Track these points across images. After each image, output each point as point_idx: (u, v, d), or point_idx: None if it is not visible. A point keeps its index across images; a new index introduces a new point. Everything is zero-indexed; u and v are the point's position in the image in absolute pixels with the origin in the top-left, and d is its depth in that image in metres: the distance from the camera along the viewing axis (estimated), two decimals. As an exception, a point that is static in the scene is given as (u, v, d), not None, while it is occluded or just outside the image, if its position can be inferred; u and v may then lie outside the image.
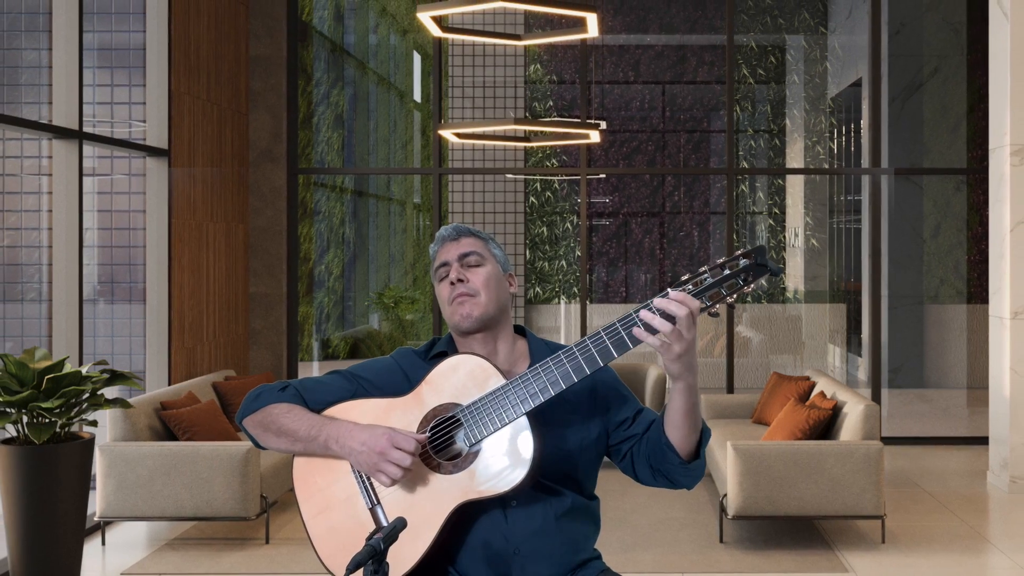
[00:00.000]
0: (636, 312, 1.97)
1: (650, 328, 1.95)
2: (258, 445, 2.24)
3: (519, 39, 5.51)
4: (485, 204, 12.28)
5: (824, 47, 13.57)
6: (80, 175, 5.52)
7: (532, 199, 14.53)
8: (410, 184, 16.23)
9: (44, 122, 5.67)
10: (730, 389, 7.87)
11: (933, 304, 10.95)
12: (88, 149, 6.14)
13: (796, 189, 13.92)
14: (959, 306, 10.93)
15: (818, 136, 13.60)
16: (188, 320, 6.62)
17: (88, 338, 7.07)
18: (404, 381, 2.22)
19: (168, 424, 5.25)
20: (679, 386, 2.05)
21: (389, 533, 1.79)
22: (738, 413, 6.63)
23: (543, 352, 2.22)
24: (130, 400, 4.98)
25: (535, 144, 7.58)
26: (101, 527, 5.17)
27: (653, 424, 2.19)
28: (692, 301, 1.94)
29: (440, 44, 7.85)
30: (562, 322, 13.19)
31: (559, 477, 2.17)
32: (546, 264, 14.65)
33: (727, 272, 1.96)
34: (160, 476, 4.92)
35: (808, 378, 6.26)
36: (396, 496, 2.09)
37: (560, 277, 14.68)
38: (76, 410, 4.41)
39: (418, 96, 16.53)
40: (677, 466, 2.14)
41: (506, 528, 2.12)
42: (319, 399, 2.21)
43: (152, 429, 5.21)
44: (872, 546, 5.03)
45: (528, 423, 2.04)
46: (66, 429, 4.43)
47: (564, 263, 14.71)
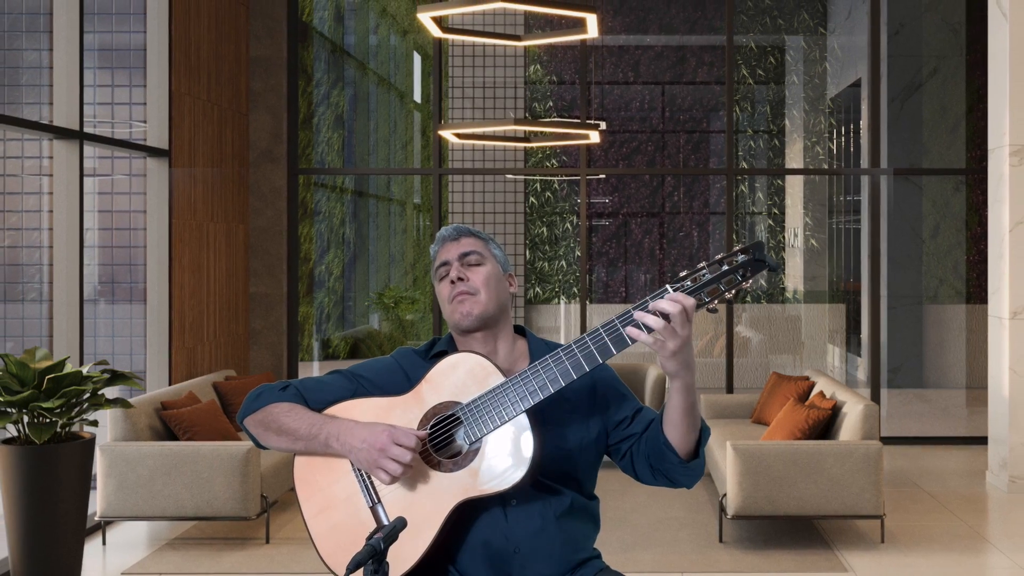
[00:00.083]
0: (633, 310, 1.98)
1: (644, 326, 1.96)
2: (259, 445, 2.24)
3: (519, 40, 5.52)
4: (485, 204, 12.28)
5: (823, 48, 13.58)
6: (81, 175, 5.53)
7: (532, 199, 14.54)
8: (410, 184, 16.24)
9: (45, 122, 5.68)
10: (729, 389, 7.87)
11: (932, 304, 10.96)
12: (89, 149, 6.15)
13: (795, 189, 13.93)
14: (958, 306, 10.94)
15: (817, 136, 13.60)
16: (188, 320, 6.63)
17: (89, 338, 7.08)
18: (404, 380, 2.23)
19: (168, 424, 5.26)
20: (676, 385, 2.06)
21: (389, 533, 1.79)
22: (737, 413, 6.63)
23: (543, 352, 2.22)
24: (131, 400, 4.99)
25: (535, 144, 7.59)
26: (102, 527, 5.18)
27: (652, 423, 2.20)
28: (686, 299, 1.94)
29: (440, 45, 7.86)
30: (562, 322, 13.20)
31: (559, 476, 2.17)
32: (546, 264, 14.66)
33: (725, 268, 1.96)
34: (160, 476, 4.93)
35: (807, 378, 6.27)
36: (397, 494, 2.10)
37: (560, 277, 14.69)
38: (77, 410, 4.42)
39: (418, 96, 16.54)
40: (676, 465, 2.15)
41: (506, 527, 2.13)
42: (320, 398, 2.21)
43: (152, 429, 5.22)
44: (871, 546, 5.04)
45: (528, 421, 2.05)
46: (67, 429, 4.43)
47: (564, 263, 14.72)
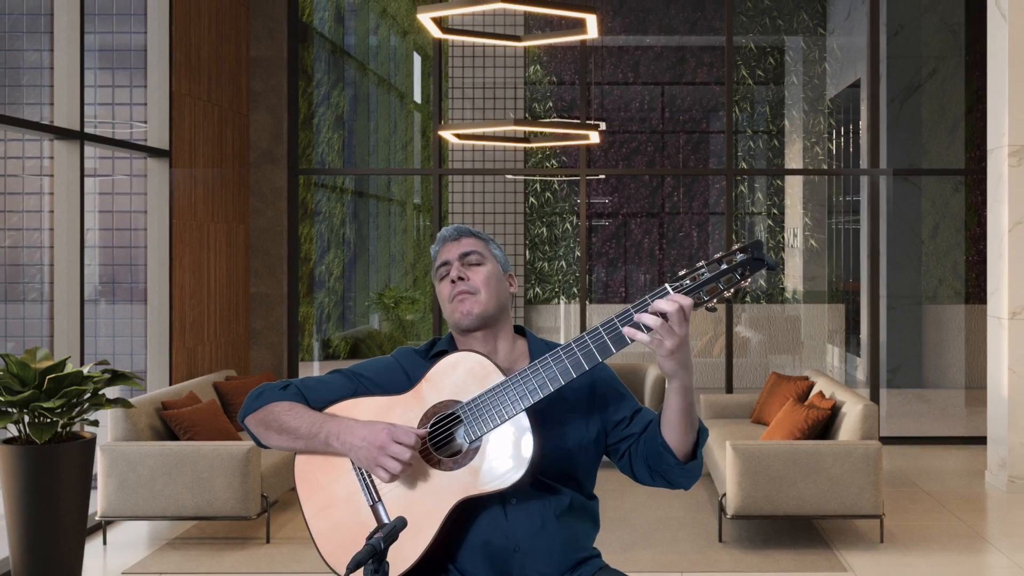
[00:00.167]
0: (632, 308, 1.99)
1: (643, 325, 1.96)
2: (260, 444, 2.25)
3: (519, 40, 5.53)
4: (485, 205, 12.29)
5: (823, 48, 13.59)
6: (82, 176, 5.54)
7: (532, 200, 14.55)
8: (410, 185, 16.25)
9: (46, 123, 5.69)
10: (729, 389, 7.88)
11: (931, 304, 10.97)
12: (89, 150, 6.15)
13: (795, 190, 13.94)
14: (957, 306, 10.95)
15: (817, 137, 13.62)
16: (189, 320, 6.64)
17: (89, 338, 7.09)
18: (405, 380, 2.23)
19: (169, 424, 5.27)
20: (675, 385, 2.07)
21: (389, 532, 1.79)
22: (737, 413, 6.64)
23: (542, 352, 2.23)
24: (131, 400, 5.00)
25: (535, 145, 7.60)
26: (102, 526, 5.19)
27: (651, 424, 2.21)
28: (683, 298, 1.95)
29: (440, 45, 7.87)
30: (561, 322, 13.20)
31: (558, 475, 2.18)
32: (546, 264, 14.67)
33: (724, 267, 1.97)
34: (161, 476, 4.94)
35: (807, 378, 6.28)
36: (397, 493, 2.10)
37: (560, 277, 14.70)
38: (77, 410, 4.42)
39: (418, 97, 16.55)
40: (674, 466, 2.15)
41: (506, 526, 2.14)
42: (320, 397, 2.22)
43: (153, 429, 5.22)
44: (871, 545, 5.05)
45: (528, 420, 2.06)
46: (67, 429, 4.44)
47: (564, 263, 14.73)
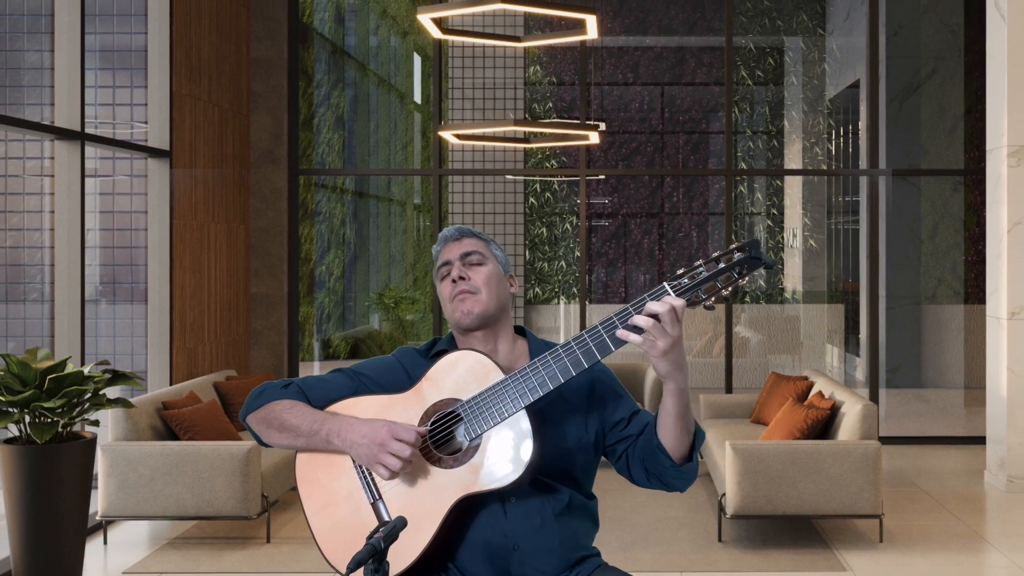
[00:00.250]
0: (630, 307, 2.00)
1: (634, 327, 1.98)
2: (261, 442, 2.25)
3: (519, 41, 5.54)
4: (485, 205, 12.30)
5: (822, 49, 13.61)
6: (82, 176, 5.55)
7: (532, 200, 14.57)
8: (410, 185, 16.26)
9: (46, 123, 5.69)
10: (728, 389, 7.89)
11: (931, 304, 10.98)
12: (90, 150, 6.16)
13: (794, 190, 13.95)
14: (956, 306, 10.96)
15: (816, 137, 13.63)
16: (189, 320, 6.65)
17: (90, 338, 7.09)
18: (405, 379, 2.24)
19: (169, 424, 5.28)
20: (670, 387, 2.08)
21: (389, 532, 1.80)
22: (736, 413, 6.65)
23: (542, 352, 2.23)
24: (132, 400, 5.00)
25: (535, 145, 7.60)
26: (103, 526, 5.19)
27: (648, 426, 2.22)
28: (675, 299, 1.97)
29: (440, 46, 7.88)
30: (561, 322, 13.21)
31: (558, 474, 2.19)
32: (546, 265, 14.68)
33: (722, 266, 1.99)
34: (161, 476, 4.95)
35: (806, 378, 6.29)
36: (398, 491, 2.12)
37: (559, 278, 14.71)
38: (78, 410, 4.43)
39: (418, 97, 16.56)
40: (669, 468, 2.17)
41: (505, 524, 2.15)
42: (321, 396, 2.23)
43: (154, 429, 5.23)
44: (870, 545, 5.06)
45: (528, 418, 2.07)
46: (68, 429, 4.45)
47: (563, 264, 14.74)
